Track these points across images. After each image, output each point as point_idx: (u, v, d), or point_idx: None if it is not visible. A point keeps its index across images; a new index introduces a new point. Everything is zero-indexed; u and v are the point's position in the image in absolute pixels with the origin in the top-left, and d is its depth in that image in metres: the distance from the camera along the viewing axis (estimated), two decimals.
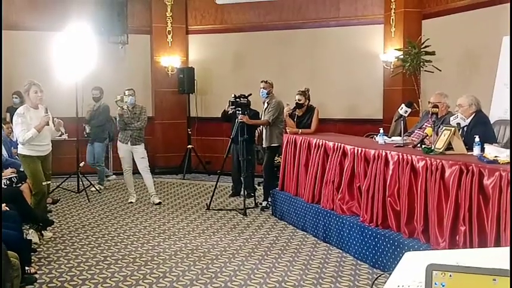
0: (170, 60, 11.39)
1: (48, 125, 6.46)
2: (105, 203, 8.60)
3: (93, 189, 9.37)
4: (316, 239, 6.55)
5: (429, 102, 6.25)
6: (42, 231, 6.47)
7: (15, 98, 9.67)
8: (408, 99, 7.37)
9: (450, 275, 1.63)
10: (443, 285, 1.64)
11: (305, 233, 6.82)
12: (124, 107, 8.42)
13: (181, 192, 9.62)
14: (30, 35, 10.51)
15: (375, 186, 5.69)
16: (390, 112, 9.04)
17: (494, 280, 1.58)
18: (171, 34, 11.44)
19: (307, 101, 7.85)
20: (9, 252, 4.19)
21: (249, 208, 8.04)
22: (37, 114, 6.35)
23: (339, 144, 6.51)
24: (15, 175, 6.88)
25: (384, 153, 5.64)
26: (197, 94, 11.39)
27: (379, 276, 3.79)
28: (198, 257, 5.82)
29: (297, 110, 7.82)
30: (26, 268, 4.98)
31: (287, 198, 7.42)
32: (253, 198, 8.43)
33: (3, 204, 5.40)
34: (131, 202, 8.60)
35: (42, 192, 6.41)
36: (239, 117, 8.03)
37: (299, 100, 7.78)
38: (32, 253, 5.65)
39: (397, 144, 5.92)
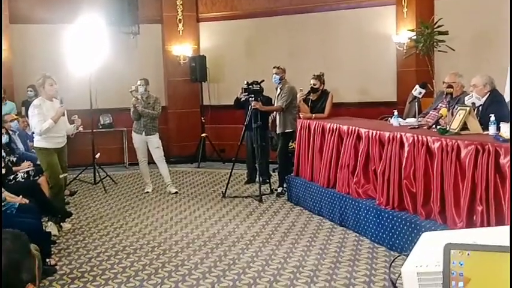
0: (182, 49, 11.38)
1: (64, 115, 6.51)
2: (121, 194, 8.66)
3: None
4: (333, 223, 6.55)
5: (443, 83, 6.19)
6: (61, 223, 6.53)
7: (30, 91, 9.72)
8: (422, 80, 7.32)
9: (468, 254, 1.63)
10: (461, 264, 1.64)
11: (321, 218, 6.82)
12: (138, 97, 8.44)
13: (196, 180, 9.66)
14: (42, 28, 10.55)
15: (391, 168, 5.67)
16: (404, 94, 8.96)
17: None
18: (181, 23, 11.43)
19: (322, 85, 7.82)
20: (32, 245, 4.23)
21: (265, 194, 8.05)
22: (53, 106, 6.40)
23: (353, 127, 6.49)
24: (32, 168, 6.95)
25: (398, 136, 5.61)
26: (209, 82, 11.39)
27: (397, 257, 3.80)
28: (216, 245, 5.85)
29: (312, 94, 7.78)
30: (47, 260, 5.04)
31: (302, 184, 7.41)
32: (268, 185, 8.44)
33: (20, 197, 5.46)
34: (147, 192, 8.65)
35: (59, 185, 6.47)
36: (252, 104, 8.01)
37: (314, 84, 7.75)
38: (52, 245, 5.70)
39: (411, 126, 5.89)
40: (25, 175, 6.78)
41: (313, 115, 7.62)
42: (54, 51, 9.74)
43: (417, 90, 6.23)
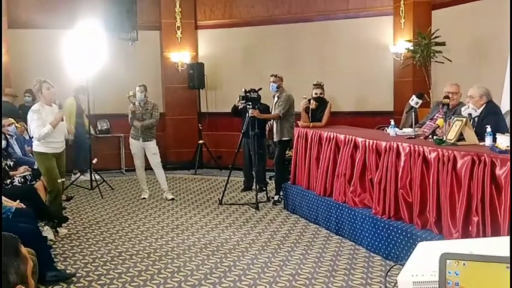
0: (180, 56, 11.42)
1: (63, 120, 6.53)
2: (118, 200, 8.66)
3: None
4: (329, 231, 6.56)
5: (445, 92, 6.18)
6: (57, 228, 6.53)
7: (28, 96, 9.74)
8: (419, 90, 7.35)
9: (464, 264, 1.65)
10: (457, 274, 1.66)
11: (317, 226, 6.83)
12: (136, 103, 8.46)
13: (193, 187, 9.66)
14: (40, 33, 10.55)
15: (387, 178, 5.69)
16: (401, 104, 9.00)
17: (508, 268, 1.60)
18: (180, 30, 11.47)
19: (323, 94, 7.90)
20: (26, 249, 4.22)
21: (261, 202, 8.06)
22: (52, 111, 6.42)
23: (350, 136, 6.51)
24: (29, 173, 6.95)
25: (395, 145, 5.63)
26: (207, 89, 11.41)
27: (392, 266, 3.80)
28: (212, 251, 5.86)
29: (313, 102, 7.81)
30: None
31: (299, 192, 7.43)
32: (265, 192, 8.45)
33: (17, 201, 5.47)
34: (144, 198, 8.65)
35: (57, 190, 6.46)
36: (250, 112, 8.04)
37: (320, 94, 7.82)
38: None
39: (408, 136, 5.92)
40: (22, 179, 6.77)
41: (311, 124, 7.65)
42: (52, 56, 9.74)
43: (414, 100, 6.26)
